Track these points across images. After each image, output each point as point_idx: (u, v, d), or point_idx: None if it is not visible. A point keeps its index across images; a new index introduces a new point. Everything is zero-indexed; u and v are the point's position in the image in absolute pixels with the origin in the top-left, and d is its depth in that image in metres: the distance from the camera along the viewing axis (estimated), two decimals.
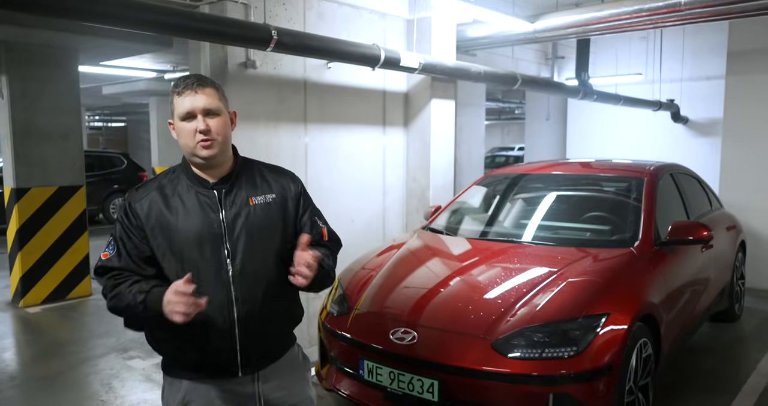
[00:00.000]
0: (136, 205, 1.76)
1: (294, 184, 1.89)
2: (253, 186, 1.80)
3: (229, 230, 1.73)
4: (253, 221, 1.76)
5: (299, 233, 1.84)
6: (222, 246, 1.72)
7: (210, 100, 1.69)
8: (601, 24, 4.58)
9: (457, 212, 4.42)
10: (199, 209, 1.73)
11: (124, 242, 1.75)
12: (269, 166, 1.92)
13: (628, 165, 4.44)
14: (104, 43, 5.77)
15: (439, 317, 2.95)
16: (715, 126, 9.68)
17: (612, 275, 3.09)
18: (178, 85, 1.71)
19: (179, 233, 1.72)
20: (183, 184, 1.77)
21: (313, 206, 1.94)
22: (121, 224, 1.77)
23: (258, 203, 1.78)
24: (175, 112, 1.72)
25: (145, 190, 1.79)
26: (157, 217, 1.73)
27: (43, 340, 5.02)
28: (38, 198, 5.85)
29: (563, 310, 2.77)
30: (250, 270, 1.74)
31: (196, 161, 1.74)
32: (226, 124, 1.73)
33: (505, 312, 2.81)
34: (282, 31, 3.52)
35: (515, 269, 3.27)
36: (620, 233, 3.65)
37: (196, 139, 1.68)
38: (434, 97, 5.09)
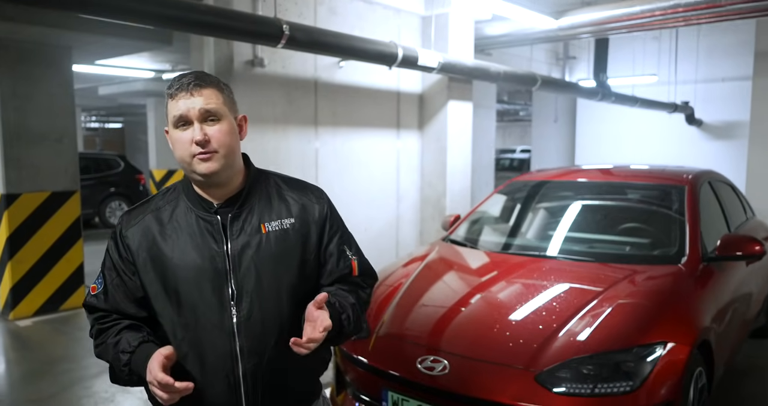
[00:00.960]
0: (128, 232, 1.45)
1: (319, 204, 1.54)
2: (267, 208, 1.47)
3: (234, 265, 1.41)
4: (265, 253, 1.42)
5: (323, 264, 1.52)
6: (225, 285, 1.40)
7: (209, 103, 1.36)
8: (632, 20, 4.28)
9: (478, 222, 4.11)
10: (199, 238, 1.41)
11: (112, 278, 1.45)
12: (289, 181, 1.57)
13: (664, 172, 4.14)
14: (99, 40, 5.47)
15: (472, 343, 2.63)
16: (730, 129, 9.42)
17: (664, 297, 2.78)
18: (172, 86, 1.38)
19: (174, 268, 1.40)
20: (182, 207, 1.45)
21: (343, 230, 1.59)
22: (111, 256, 1.47)
23: (272, 229, 1.45)
24: (168, 117, 1.40)
25: (138, 213, 1.48)
26: (149, 248, 1.42)
27: (33, 357, 4.69)
28: (29, 204, 5.54)
29: (614, 338, 2.46)
30: (259, 315, 1.41)
31: (196, 179, 1.41)
32: (230, 132, 1.39)
33: (548, 340, 2.50)
34: (294, 25, 3.22)
35: (553, 288, 2.96)
36: (663, 247, 3.34)
37: (191, 151, 1.35)
38: (451, 99, 4.79)
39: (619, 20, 4.29)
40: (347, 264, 1.55)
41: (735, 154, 9.24)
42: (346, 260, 1.55)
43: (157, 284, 1.41)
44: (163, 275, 1.41)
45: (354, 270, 1.56)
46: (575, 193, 4.10)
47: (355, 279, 1.57)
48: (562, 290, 2.93)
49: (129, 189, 11.01)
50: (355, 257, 1.57)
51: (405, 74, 4.73)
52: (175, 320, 1.41)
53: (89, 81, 10.24)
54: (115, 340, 1.40)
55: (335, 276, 1.53)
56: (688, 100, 9.39)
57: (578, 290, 2.89)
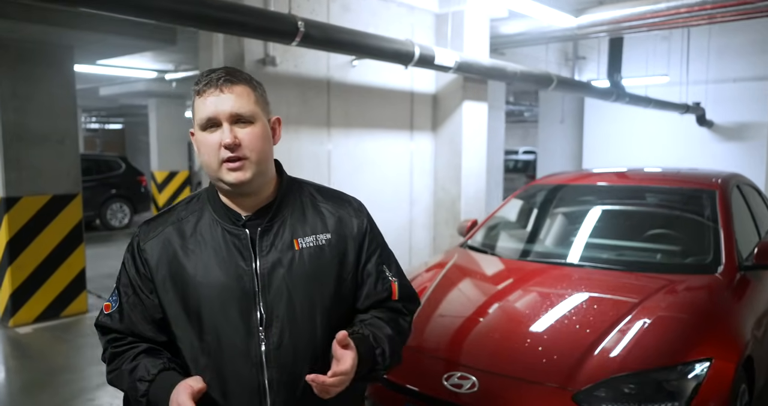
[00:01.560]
0: (146, 245, 1.29)
1: (357, 217, 1.37)
2: (300, 221, 1.31)
3: (264, 285, 1.25)
4: (298, 272, 1.27)
5: (360, 286, 1.36)
6: (253, 308, 1.25)
7: (241, 103, 1.21)
8: (654, 18, 4.13)
9: (496, 228, 3.96)
10: (225, 253, 1.26)
11: (128, 296, 1.29)
12: (325, 191, 1.41)
13: (691, 175, 3.98)
14: (101, 39, 5.31)
15: (502, 359, 2.47)
16: (742, 130, 9.28)
17: (703, 309, 2.63)
18: (200, 81, 1.23)
19: (197, 287, 1.25)
20: (207, 218, 1.30)
21: (383, 247, 1.42)
22: (127, 272, 1.31)
23: (306, 246, 1.29)
24: (195, 118, 1.24)
25: (158, 225, 1.32)
26: (169, 264, 1.27)
27: (34, 366, 4.53)
28: (30, 208, 5.39)
29: (656, 354, 2.30)
30: (290, 343, 1.25)
31: (223, 188, 1.26)
32: (263, 137, 1.24)
33: (584, 356, 2.35)
34: (310, 22, 3.07)
35: (586, 299, 2.80)
36: (696, 254, 3.19)
37: (219, 157, 1.20)
38: (466, 99, 4.63)
39: (642, 18, 4.14)
40: (386, 287, 1.38)
41: (747, 156, 9.09)
42: (386, 282, 1.38)
43: (177, 305, 1.26)
44: (184, 295, 1.25)
45: (394, 294, 1.39)
46: (598, 198, 3.95)
47: (395, 304, 1.40)
48: (594, 301, 2.77)
49: (130, 191, 10.88)
50: (395, 279, 1.40)
51: (418, 74, 4.58)
52: (195, 346, 1.26)
53: (90, 81, 10.09)
54: (131, 366, 1.25)
55: (372, 300, 1.37)
56: (699, 101, 9.24)
57: (612, 301, 2.73)
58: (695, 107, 8.94)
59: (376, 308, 1.38)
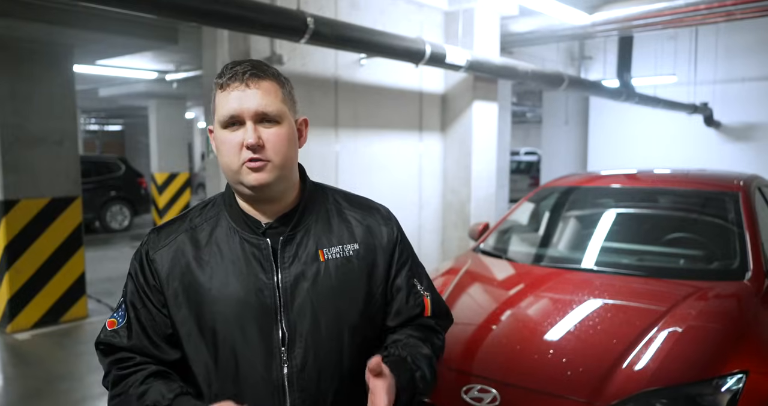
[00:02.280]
0: (156, 255, 1.17)
1: (387, 226, 1.26)
2: (326, 230, 1.20)
3: (286, 300, 1.13)
4: (323, 286, 1.15)
5: (389, 301, 1.24)
6: (275, 326, 1.13)
7: (268, 100, 1.09)
8: (672, 15, 4.00)
9: (509, 232, 3.84)
10: (243, 265, 1.14)
11: (137, 310, 1.17)
12: (351, 198, 1.29)
13: (711, 177, 3.86)
14: (102, 38, 5.21)
15: (524, 371, 2.35)
16: (749, 131, 9.17)
17: (734, 318, 2.50)
18: (223, 74, 1.11)
19: (212, 302, 1.13)
20: (223, 226, 1.18)
21: (414, 259, 1.31)
22: (135, 283, 1.18)
23: (332, 257, 1.18)
24: (216, 114, 1.12)
25: (169, 232, 1.20)
26: (182, 276, 1.15)
27: (33, 374, 4.40)
28: (28, 211, 5.27)
29: (688, 367, 2.18)
30: (314, 365, 1.14)
31: (243, 191, 1.14)
32: (289, 139, 1.13)
33: (612, 368, 2.22)
34: (320, 19, 2.95)
35: (609, 307, 2.68)
36: (720, 259, 3.07)
37: (241, 158, 1.09)
38: (476, 99, 4.52)
39: (659, 15, 4.02)
40: (418, 302, 1.26)
41: (756, 157, 8.98)
42: (417, 296, 1.26)
43: (190, 322, 1.14)
44: (198, 311, 1.14)
45: (426, 310, 1.27)
46: (614, 200, 3.83)
47: (428, 321, 1.28)
48: (618, 309, 2.65)
49: (130, 193, 10.77)
50: (427, 294, 1.28)
51: (427, 73, 4.46)
52: (210, 367, 1.14)
53: (89, 82, 9.96)
54: (140, 389, 1.11)
55: (404, 317, 1.25)
56: (707, 101, 9.13)
57: (638, 310, 2.61)
58: (703, 107, 8.83)
59: (407, 326, 1.26)
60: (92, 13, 4.79)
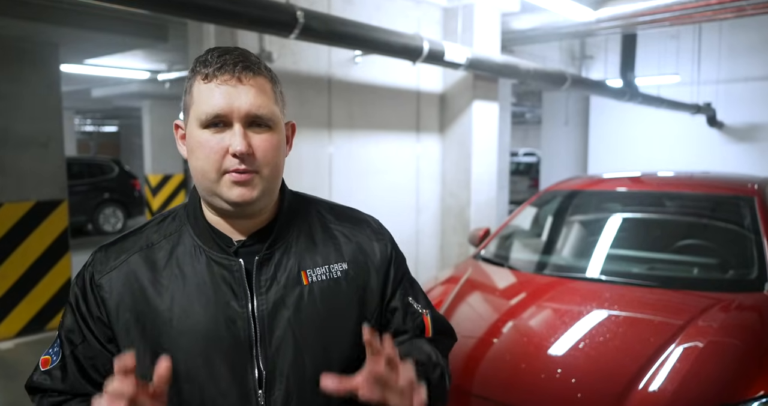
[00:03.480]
0: (103, 280, 0.97)
1: (379, 241, 1.08)
2: (309, 247, 1.01)
3: (263, 332, 0.95)
4: (307, 314, 0.97)
5: (385, 325, 1.06)
6: (250, 364, 0.94)
7: (262, 100, 0.91)
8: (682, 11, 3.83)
9: (511, 238, 3.66)
10: (211, 291, 0.95)
11: (74, 347, 0.97)
12: (337, 210, 1.11)
13: (723, 180, 3.69)
14: (88, 36, 5.03)
15: (530, 392, 2.17)
16: (753, 131, 9.01)
17: (758, 333, 2.33)
18: (209, 63, 0.91)
19: (173, 337, 0.94)
20: (186, 243, 0.98)
21: (409, 276, 1.13)
22: (74, 313, 0.98)
23: (317, 279, 0.99)
24: (192, 108, 0.92)
25: (120, 251, 1.00)
26: (135, 305, 0.95)
27: (15, 386, 4.22)
28: (12, 215, 5.09)
29: (710, 390, 2.01)
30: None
31: (218, 205, 0.95)
32: (280, 148, 0.95)
33: (627, 391, 2.04)
34: (310, 13, 2.77)
35: (620, 321, 2.50)
36: (736, 268, 2.89)
37: (223, 167, 0.90)
38: (476, 99, 4.34)
39: (669, 10, 3.85)
40: (418, 322, 1.08)
41: (760, 158, 8.82)
42: (415, 316, 1.08)
43: (145, 361, 0.94)
44: (156, 347, 0.94)
45: (427, 330, 1.09)
46: (621, 205, 3.65)
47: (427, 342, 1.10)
48: (631, 323, 2.47)
49: (124, 195, 10.60)
50: (426, 311, 1.10)
51: (425, 72, 4.29)
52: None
53: (81, 82, 9.78)
54: None
55: (402, 340, 1.08)
56: (710, 101, 8.97)
57: (652, 324, 2.43)
58: (706, 108, 8.67)
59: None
60: (77, 9, 4.62)
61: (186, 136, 0.95)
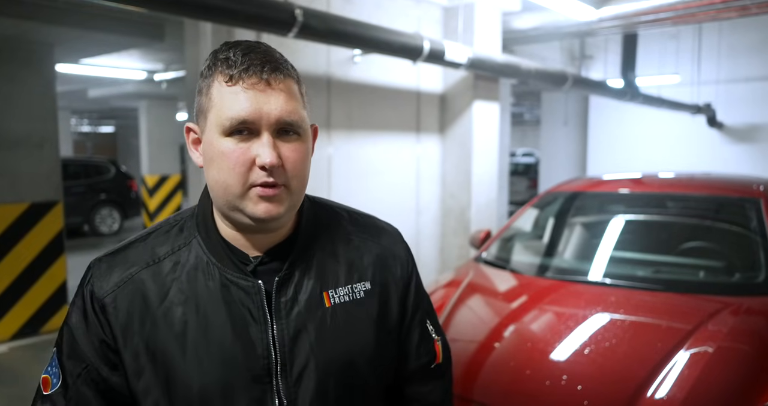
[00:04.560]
0: (108, 298, 0.87)
1: (399, 256, 1.00)
2: (331, 265, 0.93)
3: (284, 360, 0.87)
4: (330, 339, 0.89)
5: (403, 342, 1.00)
6: (270, 394, 0.86)
7: (293, 106, 0.83)
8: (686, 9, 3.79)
9: (513, 240, 3.61)
10: (226, 315, 0.86)
11: (77, 373, 0.87)
12: (356, 219, 1.02)
13: (728, 182, 3.64)
14: (84, 35, 4.98)
15: (534, 399, 2.12)
16: (753, 132, 8.98)
17: (767, 339, 2.28)
18: (232, 62, 0.81)
19: (186, 367, 0.85)
20: (198, 259, 0.89)
21: (426, 296, 1.06)
22: (74, 335, 0.88)
23: (340, 301, 0.91)
24: (211, 112, 0.82)
25: (125, 265, 0.90)
26: (142, 329, 0.86)
27: (9, 391, 4.15)
28: (6, 216, 5.03)
29: (721, 397, 1.95)
30: None
31: (240, 221, 0.85)
32: (308, 157, 0.87)
33: (635, 397, 1.99)
34: (309, 11, 2.72)
35: (627, 325, 2.44)
36: (742, 271, 2.84)
37: (250, 180, 0.81)
38: (477, 99, 4.29)
39: (672, 9, 3.80)
40: (429, 348, 1.02)
41: (761, 159, 8.79)
42: (429, 342, 1.02)
43: (156, 392, 0.86)
44: (168, 377, 0.85)
45: (438, 356, 1.03)
46: (624, 206, 3.60)
47: (437, 372, 1.04)
48: (638, 328, 2.41)
49: (120, 196, 10.54)
50: (438, 338, 1.04)
51: (425, 71, 4.23)
52: None
53: (77, 82, 9.71)
54: None
55: (411, 367, 1.01)
56: (710, 101, 8.94)
57: (659, 329, 2.38)
58: (706, 108, 8.64)
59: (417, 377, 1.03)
60: (72, 9, 4.56)
61: (203, 142, 0.85)
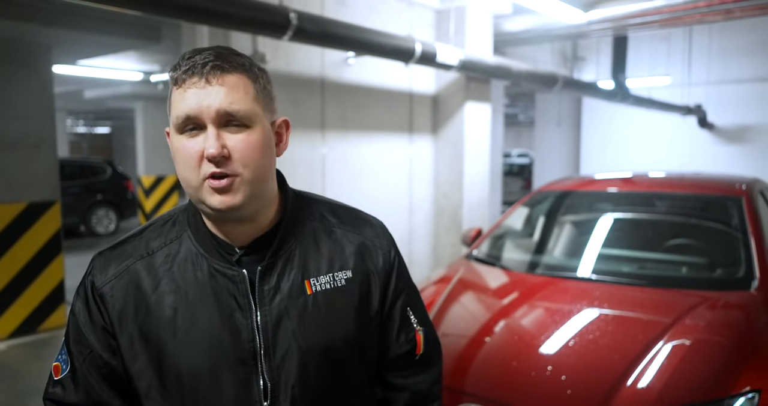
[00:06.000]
0: (105, 288, 0.96)
1: (381, 246, 1.06)
2: (313, 254, 1.00)
3: (268, 344, 0.94)
4: (311, 325, 0.96)
5: (382, 331, 1.06)
6: (255, 375, 0.94)
7: (234, 97, 0.87)
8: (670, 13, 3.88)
9: (503, 238, 3.69)
10: (213, 302, 0.94)
11: (83, 357, 0.96)
12: (338, 212, 1.08)
13: (712, 181, 3.73)
14: (81, 37, 5.03)
15: (521, 389, 2.20)
16: (743, 133, 9.10)
17: (744, 331, 2.37)
18: (179, 66, 0.89)
19: (177, 350, 0.93)
20: (187, 251, 0.97)
21: (411, 287, 1.12)
22: (78, 323, 0.97)
23: (321, 288, 0.98)
24: (170, 116, 0.91)
25: (121, 258, 0.98)
26: (137, 316, 0.95)
27: (8, 388, 4.20)
28: (5, 216, 5.07)
29: (697, 386, 2.04)
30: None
31: (206, 212, 0.93)
32: (262, 146, 0.91)
33: (616, 387, 2.07)
34: (303, 15, 2.79)
35: (610, 319, 2.53)
36: (724, 267, 2.93)
37: (201, 173, 0.88)
38: (469, 100, 4.37)
39: (658, 12, 3.89)
40: (410, 337, 1.08)
41: (751, 159, 8.91)
42: (409, 330, 1.08)
43: (149, 374, 0.94)
44: (160, 361, 0.94)
45: (418, 346, 1.09)
46: (613, 205, 3.69)
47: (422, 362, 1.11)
48: (620, 322, 2.50)
49: (116, 196, 10.57)
50: (420, 328, 1.10)
51: (418, 73, 4.31)
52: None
53: (74, 83, 9.76)
54: None
55: (392, 355, 1.08)
56: (701, 102, 9.05)
57: (640, 322, 2.47)
58: (697, 109, 8.75)
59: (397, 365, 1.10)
60: (70, 11, 4.62)
61: (171, 141, 0.94)
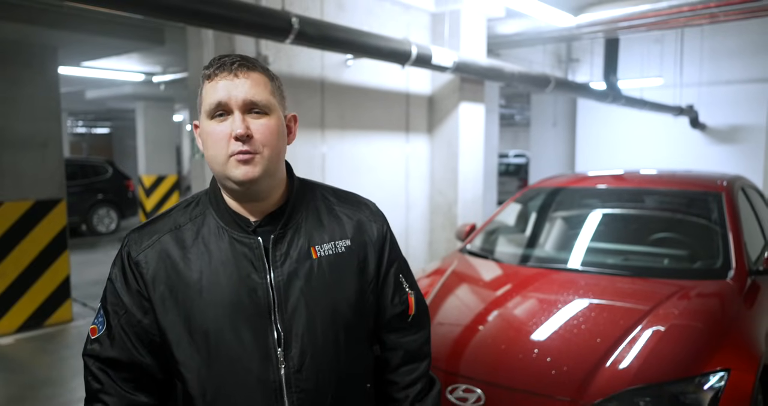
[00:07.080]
0: (140, 257, 1.13)
1: (376, 222, 1.26)
2: (317, 227, 1.18)
3: (280, 300, 1.11)
4: (317, 284, 1.14)
5: (379, 295, 1.24)
6: (270, 327, 1.11)
7: (257, 90, 1.08)
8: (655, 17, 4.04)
9: (496, 232, 3.84)
10: (234, 265, 1.11)
11: (118, 316, 1.13)
12: (340, 194, 1.29)
13: (695, 178, 3.89)
14: (87, 39, 5.17)
15: (509, 371, 2.35)
16: (734, 133, 9.26)
17: (717, 316, 2.52)
18: (211, 65, 1.10)
19: (203, 306, 1.10)
20: (210, 225, 1.15)
21: (401, 256, 1.31)
22: (115, 288, 1.14)
23: (324, 254, 1.16)
24: (201, 106, 1.10)
25: (152, 232, 1.16)
26: (168, 278, 1.12)
27: (15, 380, 4.34)
28: (11, 214, 5.19)
29: (672, 366, 2.19)
30: (312, 366, 1.12)
31: (230, 186, 1.11)
32: (278, 132, 1.11)
33: (596, 367, 2.23)
34: (305, 19, 2.94)
35: (594, 307, 2.69)
36: (703, 258, 3.09)
37: (229, 150, 1.06)
38: (463, 100, 4.52)
39: (643, 17, 4.05)
40: (403, 299, 1.26)
41: (742, 159, 9.07)
42: (402, 293, 1.26)
43: (179, 327, 1.11)
44: (188, 315, 1.11)
45: (410, 307, 1.27)
46: (600, 201, 3.85)
47: (414, 323, 1.29)
48: (603, 309, 2.66)
49: (117, 196, 10.67)
50: (411, 292, 1.29)
51: (414, 75, 4.47)
52: (203, 374, 1.11)
53: (76, 84, 9.89)
54: None
55: (387, 315, 1.26)
56: (693, 103, 9.22)
57: (622, 309, 2.62)
58: (688, 110, 8.91)
59: (392, 326, 1.27)
60: (76, 13, 4.75)
61: (200, 130, 1.13)
